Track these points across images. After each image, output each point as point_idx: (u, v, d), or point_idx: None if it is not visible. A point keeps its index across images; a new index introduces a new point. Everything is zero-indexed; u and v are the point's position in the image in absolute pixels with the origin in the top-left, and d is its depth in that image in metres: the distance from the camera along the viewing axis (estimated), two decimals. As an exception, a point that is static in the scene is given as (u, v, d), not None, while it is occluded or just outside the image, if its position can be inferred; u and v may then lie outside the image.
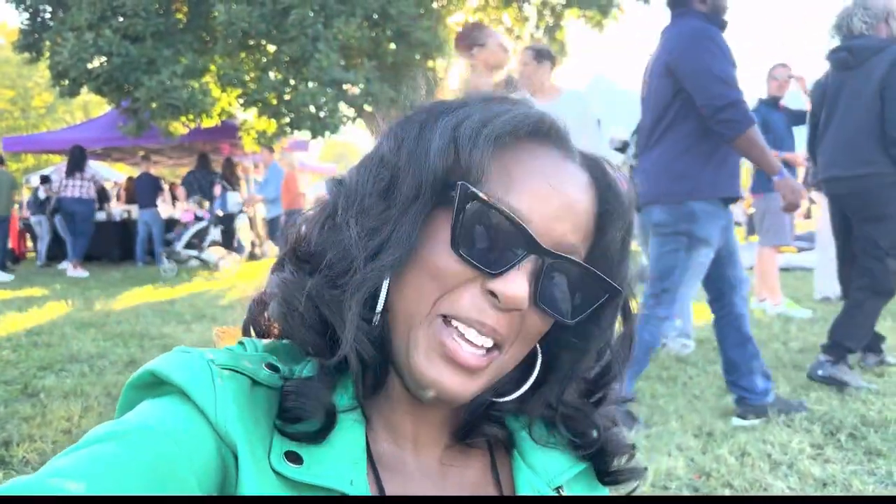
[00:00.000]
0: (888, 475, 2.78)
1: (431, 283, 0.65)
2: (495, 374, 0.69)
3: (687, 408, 3.67)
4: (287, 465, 0.61)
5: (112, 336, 5.63)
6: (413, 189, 0.66)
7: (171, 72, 11.39)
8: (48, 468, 0.53)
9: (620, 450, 0.78)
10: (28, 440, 3.21)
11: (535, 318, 0.68)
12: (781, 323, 6.07)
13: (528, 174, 0.67)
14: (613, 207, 0.71)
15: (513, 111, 0.69)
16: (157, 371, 0.62)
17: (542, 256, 0.65)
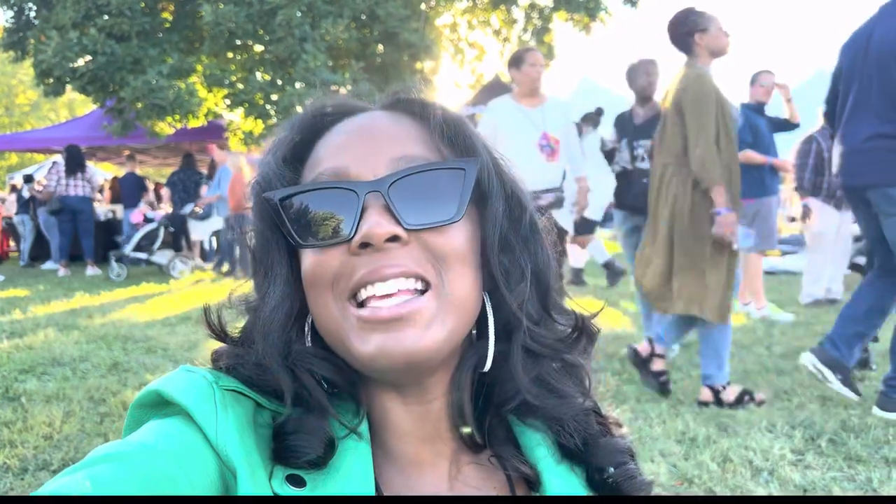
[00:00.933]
0: (868, 481, 2.81)
1: (318, 290, 0.67)
2: (453, 315, 0.66)
3: (670, 413, 3.69)
4: (289, 488, 0.61)
5: (95, 338, 5.58)
6: (263, 244, 0.72)
7: (157, 71, 11.32)
8: (46, 489, 0.53)
9: (638, 489, 0.75)
10: (9, 446, 3.18)
11: (431, 237, 0.66)
12: (765, 327, 6.13)
13: (328, 144, 0.71)
14: (418, 106, 0.74)
15: (287, 126, 0.75)
16: (161, 391, 0.63)
17: (371, 189, 0.65)
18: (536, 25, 15.62)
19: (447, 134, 0.72)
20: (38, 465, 3.00)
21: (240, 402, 0.64)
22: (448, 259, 0.67)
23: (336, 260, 0.66)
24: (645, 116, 4.96)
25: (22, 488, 2.75)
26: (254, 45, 12.78)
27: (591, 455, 0.75)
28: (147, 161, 17.10)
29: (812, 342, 5.37)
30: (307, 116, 0.75)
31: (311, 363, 0.67)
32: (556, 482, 0.72)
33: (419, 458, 0.72)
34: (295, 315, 0.70)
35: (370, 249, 0.64)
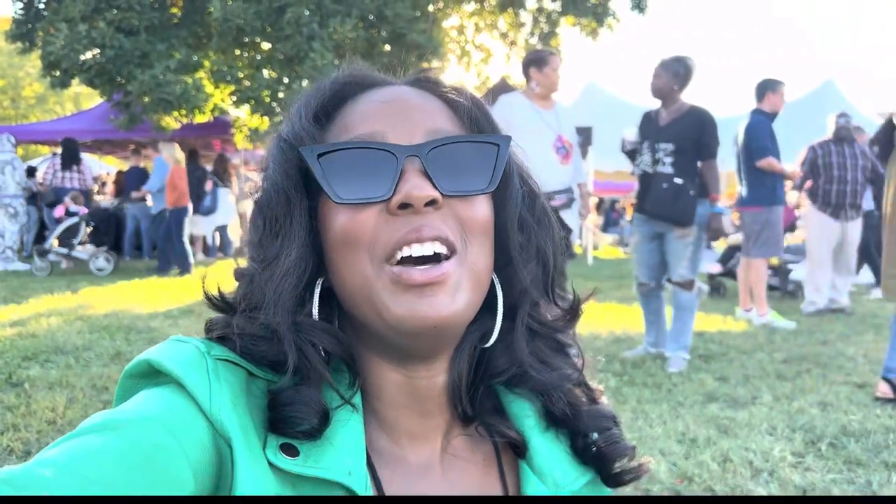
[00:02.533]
0: (867, 484, 2.82)
1: (352, 249, 0.66)
2: (470, 283, 0.68)
3: (671, 414, 3.70)
4: (283, 457, 0.61)
5: (98, 328, 5.60)
6: (282, 203, 0.70)
7: (165, 66, 11.34)
8: (40, 457, 0.53)
9: (622, 452, 0.78)
10: (12, 429, 3.20)
11: (461, 207, 0.68)
12: (766, 333, 6.13)
13: (359, 110, 0.72)
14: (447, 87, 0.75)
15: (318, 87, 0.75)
16: (153, 361, 0.63)
17: (410, 152, 0.66)
18: (543, 29, 15.64)
19: (473, 115, 0.74)
20: (41, 448, 2.98)
21: (232, 372, 0.64)
22: (474, 229, 0.69)
23: (372, 219, 0.66)
24: (669, 118, 4.87)
25: (25, 471, 2.77)
26: (261, 42, 12.81)
27: (576, 421, 0.78)
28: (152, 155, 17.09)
29: (813, 349, 5.40)
30: (337, 80, 0.75)
31: (314, 335, 0.67)
32: (542, 448, 0.75)
33: (412, 429, 0.73)
34: (307, 279, 0.69)
35: (408, 210, 0.65)
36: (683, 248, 4.77)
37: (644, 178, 4.92)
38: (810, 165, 7.35)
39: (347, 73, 0.76)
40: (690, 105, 4.88)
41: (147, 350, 0.65)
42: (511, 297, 0.75)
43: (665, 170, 4.77)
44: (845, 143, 7.35)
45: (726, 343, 5.68)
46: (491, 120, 0.75)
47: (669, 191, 4.69)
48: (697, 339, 5.59)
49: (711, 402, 3.97)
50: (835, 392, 4.16)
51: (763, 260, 6.75)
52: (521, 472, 0.75)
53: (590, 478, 0.77)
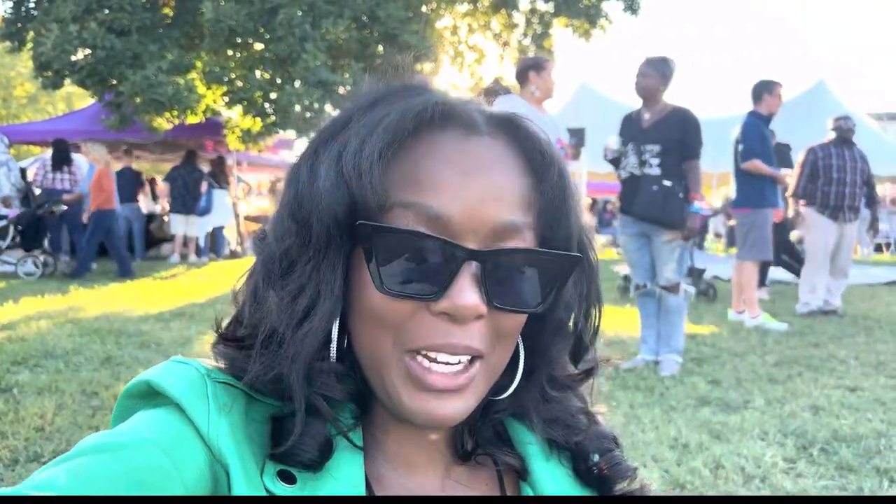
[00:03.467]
0: (859, 491, 2.82)
1: (379, 328, 0.64)
2: (485, 382, 0.67)
3: (663, 418, 3.70)
4: (280, 484, 0.60)
5: (89, 332, 5.57)
6: (322, 237, 0.63)
7: (157, 67, 11.29)
8: (34, 479, 0.52)
9: (624, 474, 0.76)
10: (0, 437, 3.16)
11: (503, 316, 0.65)
12: (759, 336, 6.14)
13: (431, 167, 0.63)
14: (536, 154, 0.68)
15: (391, 113, 0.64)
16: (152, 382, 0.62)
17: (476, 257, 0.61)
18: (536, 30, 15.67)
19: (552, 199, 0.68)
20: (29, 456, 2.99)
21: (232, 395, 0.63)
22: (508, 337, 0.67)
23: (409, 310, 0.63)
24: (653, 119, 4.85)
25: (13, 479, 2.74)
26: (254, 43, 12.79)
27: (577, 444, 0.77)
28: (144, 156, 17.02)
29: (805, 352, 5.41)
30: (418, 114, 0.65)
31: (327, 387, 0.64)
32: (544, 474, 0.74)
33: (414, 459, 0.72)
34: (330, 332, 0.65)
35: (449, 318, 0.62)
36: (670, 251, 4.77)
37: (631, 180, 4.89)
38: (811, 167, 7.36)
39: (433, 106, 0.66)
40: (673, 105, 4.88)
41: (147, 370, 0.64)
42: (532, 362, 0.74)
43: (652, 171, 4.76)
44: (845, 146, 7.37)
45: (718, 346, 5.69)
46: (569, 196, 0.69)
47: (659, 193, 4.68)
48: (690, 341, 5.59)
49: (704, 406, 3.97)
50: (826, 396, 4.17)
51: (753, 263, 6.76)
52: (523, 493, 0.74)
53: None
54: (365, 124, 0.65)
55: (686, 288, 4.92)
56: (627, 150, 4.91)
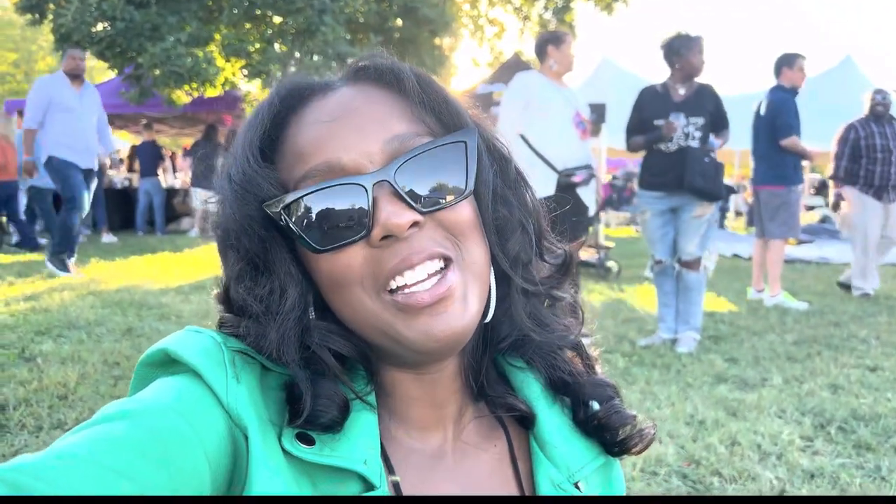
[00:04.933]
0: (876, 469, 2.80)
1: (345, 287, 0.66)
2: (475, 286, 0.68)
3: (679, 396, 3.69)
4: (299, 445, 0.61)
5: (110, 304, 5.64)
6: (256, 245, 0.68)
7: (176, 39, 11.30)
8: (58, 446, 0.53)
9: (623, 421, 0.78)
10: (24, 404, 3.23)
11: (444, 215, 0.67)
12: (778, 314, 6.09)
13: (307, 134, 0.68)
14: (390, 77, 0.72)
15: (255, 114, 0.71)
16: (170, 350, 0.63)
17: (377, 179, 0.64)
18: (557, 4, 15.47)
19: (425, 101, 0.71)
20: (52, 423, 3.05)
21: (248, 363, 0.64)
22: (464, 231, 0.68)
23: (358, 257, 0.65)
24: (686, 93, 4.80)
25: (37, 445, 2.80)
26: (273, 15, 12.72)
27: (578, 391, 0.78)
28: (164, 130, 17.11)
29: (825, 331, 5.36)
30: (273, 103, 0.71)
31: (327, 340, 0.67)
32: (548, 424, 0.76)
33: (424, 420, 0.74)
34: (308, 307, 0.69)
35: (391, 240, 0.64)
36: (697, 226, 4.74)
37: (677, 153, 4.72)
38: (852, 146, 7.05)
39: (281, 88, 0.73)
40: (697, 81, 4.88)
41: (163, 339, 0.65)
42: (505, 265, 0.75)
43: (695, 144, 4.71)
44: (885, 122, 7.10)
45: (737, 324, 5.65)
46: (444, 97, 0.72)
47: (711, 165, 4.66)
48: (708, 319, 5.56)
49: (721, 384, 3.95)
50: (845, 375, 4.13)
51: (782, 240, 6.67)
52: (533, 456, 0.75)
53: (602, 462, 0.78)
54: (236, 142, 0.71)
55: (706, 265, 4.87)
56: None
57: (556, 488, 0.73)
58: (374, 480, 0.63)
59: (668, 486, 2.61)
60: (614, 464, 0.81)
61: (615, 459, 0.81)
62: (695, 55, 4.76)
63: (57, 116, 6.94)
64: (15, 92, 30.39)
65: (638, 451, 0.79)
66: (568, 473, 0.74)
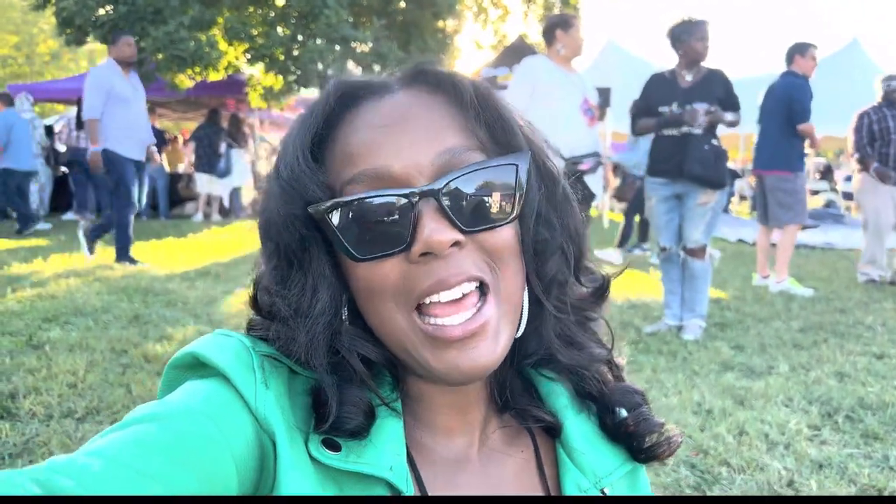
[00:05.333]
0: (884, 459, 2.81)
1: (378, 298, 0.66)
2: (507, 316, 0.68)
3: (686, 384, 3.69)
4: (326, 452, 0.62)
5: (116, 290, 5.65)
6: (296, 243, 0.68)
7: (178, 23, 11.23)
8: (88, 447, 0.53)
9: (651, 429, 0.78)
10: (34, 392, 3.24)
11: (485, 237, 0.66)
12: (784, 301, 6.09)
13: (359, 138, 0.67)
14: (448, 86, 0.71)
15: (303, 117, 0.70)
16: (199, 354, 0.64)
17: (425, 194, 0.63)
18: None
19: (481, 115, 0.70)
20: (62, 412, 3.06)
21: (276, 368, 0.65)
22: (503, 256, 0.67)
23: (395, 270, 0.65)
24: (694, 79, 4.76)
25: (48, 434, 2.81)
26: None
27: (606, 399, 0.79)
28: (166, 115, 17.07)
29: (831, 318, 5.36)
30: (328, 102, 0.70)
31: (356, 345, 0.67)
32: (575, 431, 0.76)
33: (451, 426, 0.74)
34: (340, 309, 0.69)
35: (430, 257, 0.64)
36: (702, 213, 4.71)
37: (675, 140, 4.72)
38: (867, 132, 7.02)
39: (337, 87, 0.71)
40: (706, 67, 4.84)
41: (192, 342, 0.66)
42: (538, 287, 0.74)
43: (697, 131, 4.66)
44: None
45: (743, 310, 5.65)
46: (501, 113, 0.71)
47: (710, 153, 4.61)
48: (713, 305, 5.56)
49: (727, 372, 3.96)
50: (852, 362, 4.13)
51: (796, 225, 6.65)
52: (560, 463, 0.75)
53: (629, 469, 0.78)
54: (287, 137, 0.70)
55: (712, 252, 4.85)
56: (672, 109, 4.78)
57: (583, 493, 0.73)
58: (400, 486, 0.63)
59: (677, 476, 2.62)
60: (640, 469, 0.81)
61: (641, 465, 0.81)
62: (696, 41, 4.72)
63: (113, 108, 6.80)
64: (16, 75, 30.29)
65: (664, 458, 0.79)
66: (595, 479, 0.74)
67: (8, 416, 3.03)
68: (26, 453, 2.68)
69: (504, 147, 0.70)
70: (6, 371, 3.54)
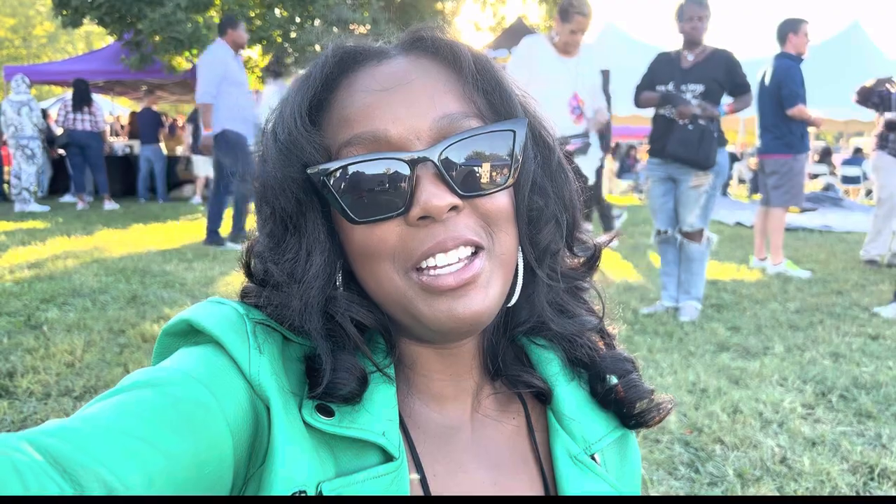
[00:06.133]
0: (877, 437, 2.83)
1: (374, 259, 0.66)
2: (500, 275, 0.68)
3: (681, 364, 3.71)
4: (319, 417, 0.62)
5: (114, 271, 5.66)
6: (292, 206, 0.68)
7: (175, 4, 11.17)
8: (83, 412, 0.53)
9: (640, 395, 0.79)
10: (32, 372, 3.26)
11: (481, 202, 0.67)
12: (780, 283, 6.10)
13: (356, 101, 0.67)
14: (447, 53, 0.71)
15: (302, 79, 0.70)
16: (192, 321, 0.64)
17: (424, 159, 0.64)
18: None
19: (479, 82, 0.70)
20: (60, 390, 3.08)
21: (269, 335, 0.65)
22: (498, 220, 0.68)
23: (393, 232, 0.65)
24: (695, 60, 4.74)
25: (45, 412, 2.83)
26: (273, -20, 12.56)
27: (597, 366, 0.79)
28: (164, 97, 16.99)
29: (828, 300, 5.37)
30: (326, 64, 0.70)
31: (351, 310, 0.68)
32: (566, 397, 0.77)
33: (443, 393, 0.74)
34: (334, 275, 0.69)
35: (428, 220, 0.64)
36: (696, 196, 4.69)
37: (665, 120, 4.76)
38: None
39: (336, 50, 0.71)
40: (713, 47, 4.78)
41: (186, 309, 0.66)
42: (531, 255, 0.75)
43: None
44: None
45: (739, 292, 5.66)
46: (498, 81, 0.72)
47: (695, 132, 4.57)
48: (710, 287, 5.58)
49: (723, 352, 3.97)
50: (847, 343, 4.15)
51: (783, 209, 6.65)
52: (551, 428, 0.76)
53: (619, 435, 0.79)
54: (285, 100, 0.70)
55: (710, 235, 4.85)
56: (667, 89, 4.76)
57: (573, 459, 0.73)
58: (392, 451, 0.64)
59: (671, 453, 2.64)
60: (630, 437, 0.82)
61: (631, 432, 0.82)
62: (684, 21, 4.71)
63: (228, 89, 6.87)
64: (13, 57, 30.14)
65: (654, 424, 0.79)
66: (585, 445, 0.75)
67: (6, 394, 3.04)
68: (24, 431, 2.70)
69: (501, 115, 0.71)
70: (4, 350, 3.56)
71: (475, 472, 0.72)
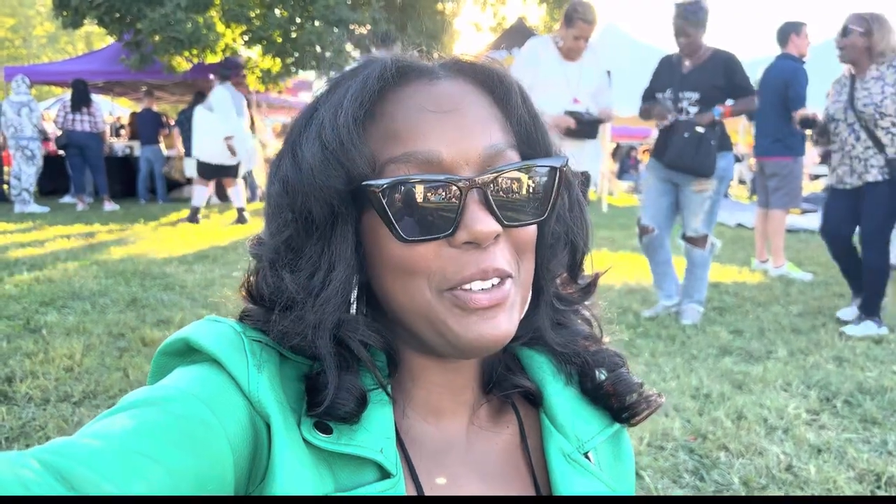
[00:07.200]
0: (883, 444, 2.81)
1: (411, 276, 0.66)
2: (520, 300, 0.71)
3: (684, 368, 3.69)
4: (317, 434, 0.63)
5: (114, 274, 5.63)
6: (325, 214, 0.67)
7: (175, 4, 11.14)
8: (86, 430, 0.54)
9: (630, 389, 0.80)
10: (31, 376, 3.23)
11: (516, 232, 0.69)
12: (783, 285, 6.08)
13: (410, 118, 0.67)
14: (496, 84, 0.72)
15: (354, 84, 0.68)
16: (190, 339, 0.64)
17: (475, 184, 0.65)
18: (562, -32, 15.18)
19: (522, 116, 0.72)
20: (59, 396, 3.05)
21: (267, 352, 0.65)
22: (526, 251, 0.71)
23: (434, 252, 0.66)
24: (693, 65, 4.69)
25: (44, 418, 2.81)
26: (273, -20, 12.53)
27: (586, 363, 0.81)
28: (164, 97, 16.96)
29: (830, 302, 5.35)
30: (384, 76, 0.69)
31: (362, 334, 0.68)
32: (558, 398, 0.79)
33: (441, 407, 0.76)
34: (350, 293, 0.69)
35: (471, 246, 0.65)
36: (700, 201, 4.66)
37: (663, 128, 4.75)
38: None
39: (394, 62, 0.70)
40: (713, 49, 4.71)
41: (182, 329, 0.66)
42: (543, 279, 0.77)
43: (684, 117, 4.61)
44: None
45: (741, 295, 5.64)
46: (538, 121, 0.74)
47: (691, 140, 4.54)
48: (712, 290, 5.55)
49: (726, 356, 3.95)
50: (851, 347, 4.13)
51: (783, 210, 6.63)
52: (544, 430, 0.77)
53: (611, 432, 0.80)
54: (332, 102, 0.68)
55: (714, 241, 4.83)
56: (664, 96, 4.73)
57: (566, 458, 0.75)
58: (389, 468, 0.65)
59: (675, 460, 2.62)
60: (623, 435, 0.84)
61: (624, 429, 0.83)
62: (677, 37, 4.67)
63: None
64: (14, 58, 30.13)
65: (646, 416, 0.81)
66: (578, 444, 0.76)
67: (5, 399, 3.02)
68: (23, 437, 2.68)
69: (537, 149, 0.73)
70: (3, 355, 3.54)
71: (469, 486, 0.73)
